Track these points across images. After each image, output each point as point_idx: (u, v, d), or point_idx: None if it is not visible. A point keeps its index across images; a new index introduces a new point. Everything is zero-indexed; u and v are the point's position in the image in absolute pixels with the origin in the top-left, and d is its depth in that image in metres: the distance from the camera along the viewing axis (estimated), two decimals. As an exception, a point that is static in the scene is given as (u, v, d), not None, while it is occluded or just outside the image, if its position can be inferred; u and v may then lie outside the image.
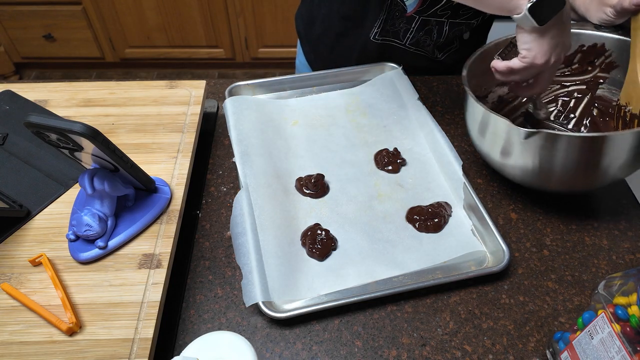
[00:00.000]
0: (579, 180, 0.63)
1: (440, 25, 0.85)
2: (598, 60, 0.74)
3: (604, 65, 0.74)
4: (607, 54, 0.73)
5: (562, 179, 0.62)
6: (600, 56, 0.73)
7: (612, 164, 0.59)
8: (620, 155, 0.58)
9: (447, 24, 0.85)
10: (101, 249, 0.58)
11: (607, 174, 0.61)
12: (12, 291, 0.54)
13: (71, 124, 0.49)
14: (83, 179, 0.57)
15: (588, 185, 0.66)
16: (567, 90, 0.79)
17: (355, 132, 0.80)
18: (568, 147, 0.58)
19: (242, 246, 0.61)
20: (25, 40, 2.23)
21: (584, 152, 0.58)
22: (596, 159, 0.58)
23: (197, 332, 0.56)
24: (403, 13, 0.84)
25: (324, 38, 0.93)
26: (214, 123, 0.83)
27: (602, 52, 0.73)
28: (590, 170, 0.60)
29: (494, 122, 0.62)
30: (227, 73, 2.39)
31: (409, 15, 0.83)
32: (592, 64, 0.75)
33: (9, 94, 0.78)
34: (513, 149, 0.62)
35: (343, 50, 0.92)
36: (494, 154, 0.65)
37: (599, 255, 0.64)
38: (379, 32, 0.86)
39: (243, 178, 0.69)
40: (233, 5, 2.10)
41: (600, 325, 0.45)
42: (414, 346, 0.55)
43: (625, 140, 0.57)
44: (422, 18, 0.83)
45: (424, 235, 0.65)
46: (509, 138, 0.61)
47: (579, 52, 0.75)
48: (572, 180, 0.63)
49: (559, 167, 0.60)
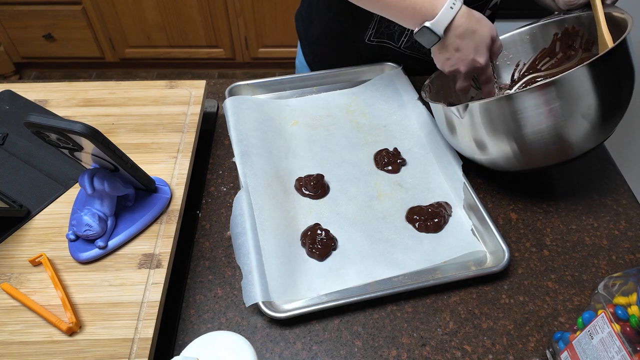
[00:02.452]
0: (552, 149, 0.60)
1: None
2: (576, 42, 0.74)
3: (583, 45, 0.74)
4: (580, 33, 0.73)
5: (538, 149, 0.60)
6: (576, 38, 0.74)
7: (572, 113, 0.57)
8: (574, 101, 0.56)
9: None
10: (101, 248, 0.58)
11: (574, 127, 0.58)
12: (12, 291, 0.54)
13: (71, 124, 0.49)
14: (83, 179, 0.57)
15: (568, 153, 0.62)
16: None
17: (355, 132, 0.80)
18: (505, 111, 0.58)
19: (242, 246, 0.61)
20: (25, 40, 2.23)
21: (520, 111, 0.57)
22: (553, 111, 0.56)
23: (197, 332, 0.56)
24: None
25: (322, 38, 0.93)
26: (214, 123, 0.83)
27: (575, 33, 0.73)
28: (547, 129, 0.58)
29: (447, 114, 0.64)
30: (227, 73, 2.39)
31: None
32: (572, 47, 0.75)
33: (9, 94, 0.78)
34: (482, 137, 0.62)
35: (340, 51, 0.92)
36: (464, 147, 0.67)
37: (599, 255, 0.64)
38: (374, 34, 0.87)
39: (243, 178, 0.69)
40: (233, 5, 2.10)
41: (600, 325, 0.45)
42: (414, 346, 0.55)
43: (567, 81, 0.55)
44: None
45: (424, 235, 0.65)
46: (452, 121, 0.63)
47: (556, 41, 0.75)
48: (547, 149, 0.60)
49: (524, 135, 0.59)
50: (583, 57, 0.74)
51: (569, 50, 0.75)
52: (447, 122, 0.66)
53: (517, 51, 0.78)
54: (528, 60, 0.78)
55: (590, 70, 0.56)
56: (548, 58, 0.77)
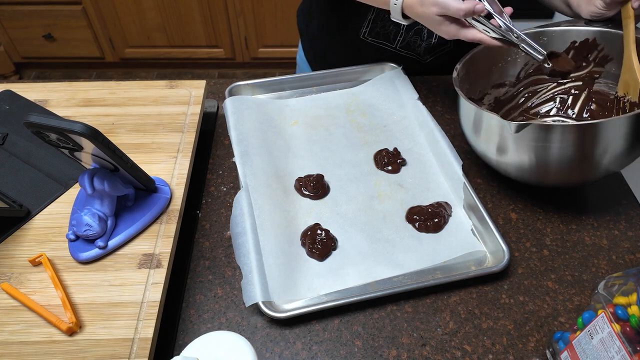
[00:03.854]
0: (574, 172, 0.62)
1: None
2: (591, 55, 0.74)
3: (598, 60, 0.74)
4: (599, 47, 0.72)
5: (558, 171, 0.62)
6: (593, 51, 0.73)
7: (606, 153, 0.58)
8: (614, 143, 0.58)
9: None
10: (101, 248, 0.58)
11: (602, 164, 0.60)
12: (12, 291, 0.54)
13: (71, 123, 0.49)
14: (83, 179, 0.57)
15: (584, 177, 0.65)
16: (564, 87, 0.79)
17: (355, 132, 0.80)
18: (561, 137, 0.57)
19: (242, 246, 0.61)
20: (25, 40, 2.23)
21: (577, 141, 0.57)
22: (590, 148, 0.58)
23: (197, 332, 0.56)
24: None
25: (321, 34, 0.93)
26: (214, 123, 0.83)
27: (595, 46, 0.73)
28: (585, 160, 0.60)
29: (486, 120, 0.62)
30: (227, 73, 2.39)
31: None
32: (586, 59, 0.75)
33: (9, 93, 0.78)
34: (507, 145, 0.62)
35: (338, 48, 0.92)
36: (489, 153, 0.65)
37: (599, 255, 0.64)
38: (368, 32, 0.87)
39: (243, 178, 0.69)
40: (233, 5, 2.10)
41: (600, 325, 0.45)
42: (414, 346, 0.55)
43: (618, 126, 0.56)
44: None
45: (424, 235, 0.65)
46: (501, 133, 0.61)
47: (571, 49, 0.74)
48: (568, 173, 0.62)
49: (554, 158, 0.60)
50: (593, 71, 0.75)
51: (581, 61, 0.75)
52: (475, 121, 0.65)
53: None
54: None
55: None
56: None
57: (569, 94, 0.79)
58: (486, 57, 0.73)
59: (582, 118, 0.78)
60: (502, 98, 0.79)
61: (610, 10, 0.68)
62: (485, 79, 0.68)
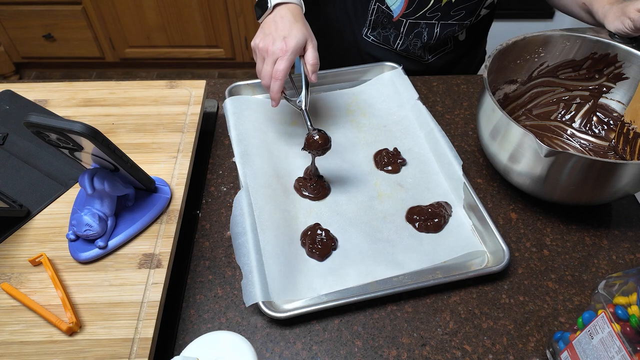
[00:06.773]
0: (584, 196, 0.62)
1: (431, 27, 0.85)
2: (607, 69, 0.74)
3: (612, 75, 0.74)
4: (617, 64, 0.72)
5: (568, 193, 0.62)
6: (611, 66, 0.73)
7: (623, 187, 0.59)
8: (633, 180, 0.58)
9: (438, 26, 0.85)
10: (101, 248, 0.58)
11: (616, 194, 0.61)
12: (12, 291, 0.54)
13: (71, 123, 0.49)
14: (83, 179, 0.56)
15: (592, 202, 0.65)
16: (570, 94, 0.79)
17: (355, 132, 0.80)
18: (583, 168, 0.57)
19: (242, 246, 0.61)
20: (25, 40, 2.23)
21: (597, 174, 0.57)
22: (609, 181, 0.58)
23: (197, 332, 0.56)
24: (390, 19, 0.84)
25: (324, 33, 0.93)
26: (214, 123, 0.83)
27: (614, 62, 0.72)
28: (599, 189, 0.60)
29: (513, 132, 0.61)
30: (227, 73, 2.39)
31: (397, 20, 0.84)
32: (600, 72, 0.75)
33: (9, 94, 0.78)
34: (524, 159, 0.61)
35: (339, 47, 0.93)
36: (500, 156, 0.65)
37: (599, 255, 0.64)
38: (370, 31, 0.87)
39: (243, 178, 0.69)
40: (233, 5, 2.10)
41: (600, 325, 0.45)
42: (414, 346, 0.55)
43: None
44: (410, 21, 0.84)
45: (424, 235, 0.65)
46: (522, 144, 0.60)
47: (589, 59, 0.74)
48: (577, 196, 0.62)
49: (568, 183, 0.60)
50: (603, 84, 0.75)
51: (595, 73, 0.75)
52: (497, 126, 0.64)
53: (549, 51, 0.75)
54: (553, 64, 0.77)
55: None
56: (570, 69, 0.76)
57: (573, 102, 0.79)
58: (510, 53, 0.72)
59: (585, 130, 0.78)
60: (511, 95, 0.79)
61: (637, 32, 0.68)
62: (502, 73, 0.67)
